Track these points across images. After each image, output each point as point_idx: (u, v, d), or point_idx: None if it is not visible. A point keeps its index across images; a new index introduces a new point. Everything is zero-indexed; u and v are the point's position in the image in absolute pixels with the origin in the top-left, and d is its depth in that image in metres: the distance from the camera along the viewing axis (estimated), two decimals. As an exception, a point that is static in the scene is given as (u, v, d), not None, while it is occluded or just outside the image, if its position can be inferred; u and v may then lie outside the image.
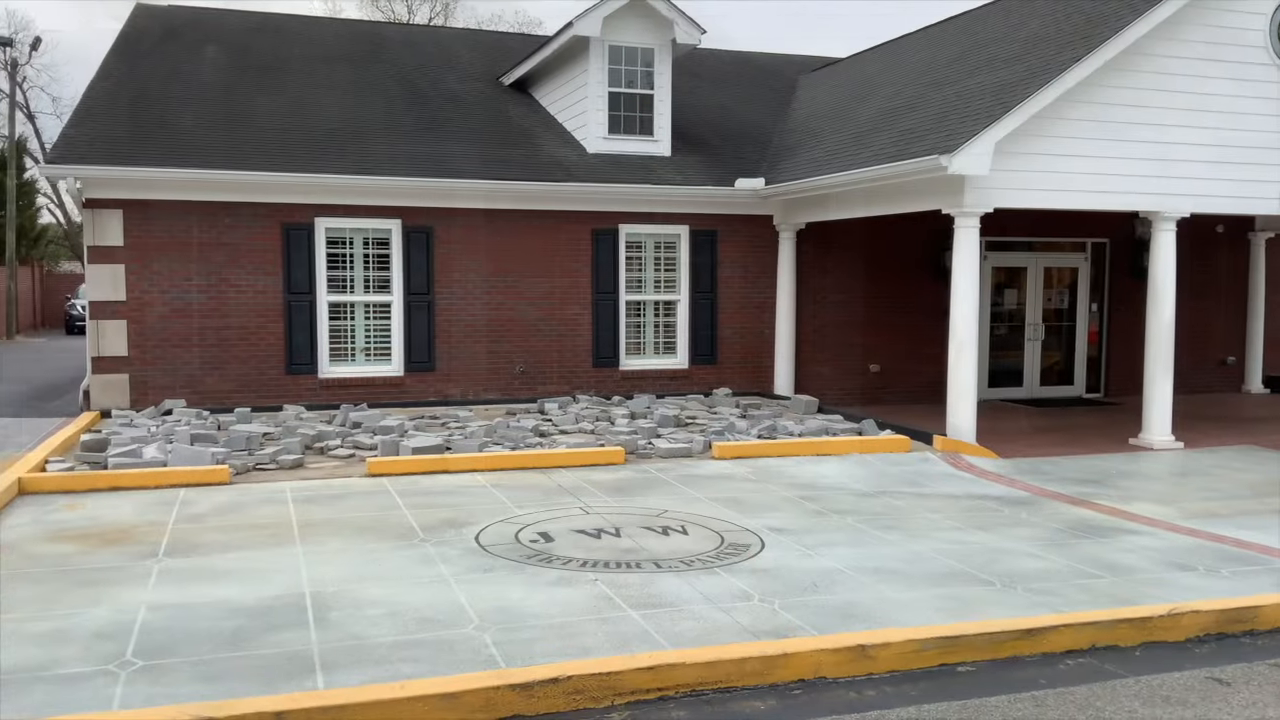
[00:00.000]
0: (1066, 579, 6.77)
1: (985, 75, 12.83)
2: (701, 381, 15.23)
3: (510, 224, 14.32)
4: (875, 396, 15.89)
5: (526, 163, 14.55)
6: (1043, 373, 16.82)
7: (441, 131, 15.13)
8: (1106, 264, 16.93)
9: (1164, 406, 12.16)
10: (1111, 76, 11.56)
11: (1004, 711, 4.88)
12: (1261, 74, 12.13)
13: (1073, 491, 9.68)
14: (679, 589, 6.42)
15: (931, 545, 7.63)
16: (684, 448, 11.06)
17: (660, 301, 15.10)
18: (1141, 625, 5.84)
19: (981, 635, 5.53)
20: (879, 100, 15.24)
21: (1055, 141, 11.48)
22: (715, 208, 15.03)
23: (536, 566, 6.90)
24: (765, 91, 19.40)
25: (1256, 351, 17.54)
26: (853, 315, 15.76)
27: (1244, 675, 5.40)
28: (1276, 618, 6.15)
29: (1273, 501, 9.33)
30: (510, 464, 10.24)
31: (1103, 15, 12.09)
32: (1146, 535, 8.01)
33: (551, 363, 14.56)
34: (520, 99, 17.02)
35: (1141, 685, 5.24)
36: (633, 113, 15.27)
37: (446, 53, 18.49)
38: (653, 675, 4.96)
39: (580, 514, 8.43)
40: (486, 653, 5.30)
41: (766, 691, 5.10)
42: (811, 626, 5.75)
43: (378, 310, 13.99)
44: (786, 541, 7.65)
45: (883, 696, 5.06)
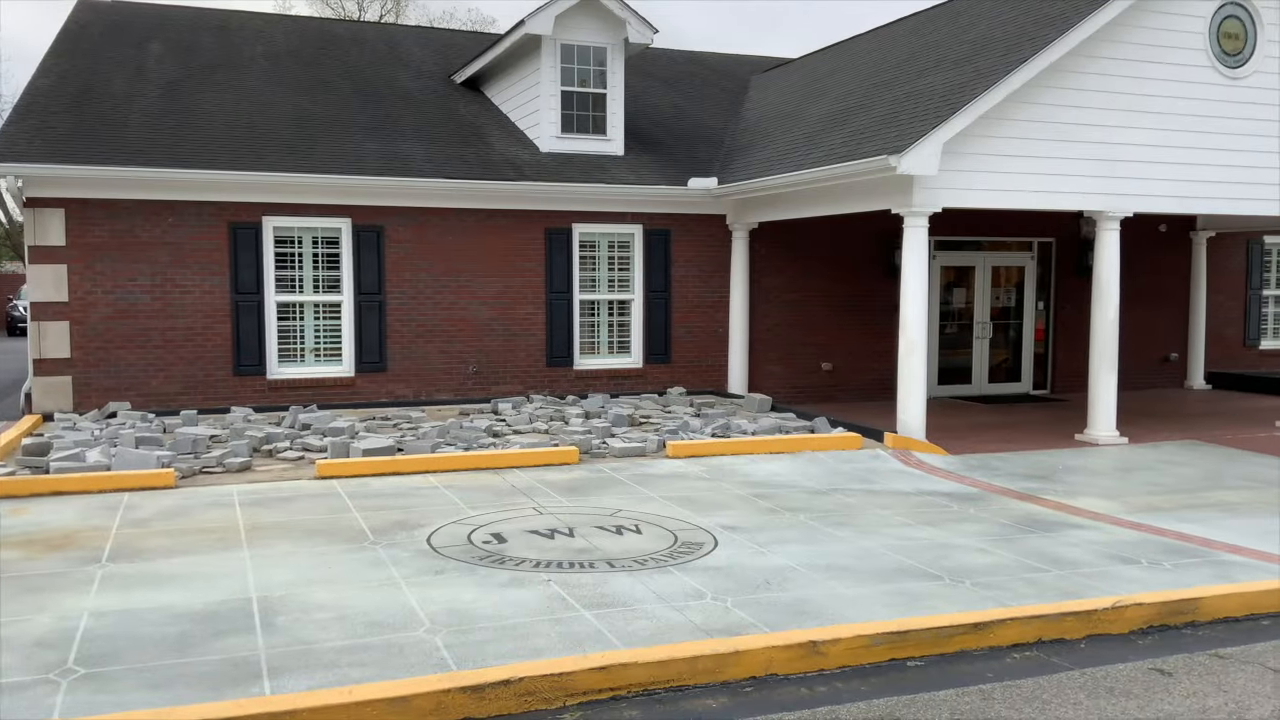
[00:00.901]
0: (1013, 573, 6.87)
1: (934, 76, 12.98)
2: (656, 380, 15.25)
3: (463, 223, 14.23)
4: (828, 394, 16.02)
5: (479, 161, 14.47)
6: (991, 370, 17.06)
7: (392, 129, 15.00)
8: (1053, 263, 17.21)
9: (1109, 403, 12.38)
10: (1056, 78, 11.75)
11: (952, 705, 4.94)
12: (1201, 76, 12.41)
13: (1020, 487, 9.83)
14: (632, 588, 6.42)
15: (882, 541, 7.70)
16: (638, 447, 11.06)
17: (614, 301, 15.09)
18: (1086, 618, 5.94)
19: (930, 630, 5.59)
20: (830, 100, 15.36)
21: (1002, 142, 11.65)
22: (669, 207, 15.06)
23: (489, 568, 6.86)
24: (718, 91, 19.47)
25: (1198, 348, 17.94)
26: (805, 314, 15.87)
27: (1185, 666, 5.51)
28: (1217, 609, 6.29)
29: (1213, 495, 9.54)
30: (463, 465, 10.18)
31: (1049, 18, 12.29)
32: (1091, 529, 8.15)
33: (505, 363, 14.50)
34: (472, 97, 16.92)
35: (1086, 677, 5.33)
36: (586, 112, 15.25)
37: (397, 50, 18.33)
38: (605, 675, 4.95)
39: (534, 514, 8.40)
40: (438, 656, 5.26)
41: (719, 689, 5.11)
42: (764, 624, 5.77)
43: (328, 310, 13.83)
44: (739, 539, 7.68)
45: (834, 692, 5.10)
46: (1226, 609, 6.29)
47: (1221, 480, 10.24)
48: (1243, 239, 18.46)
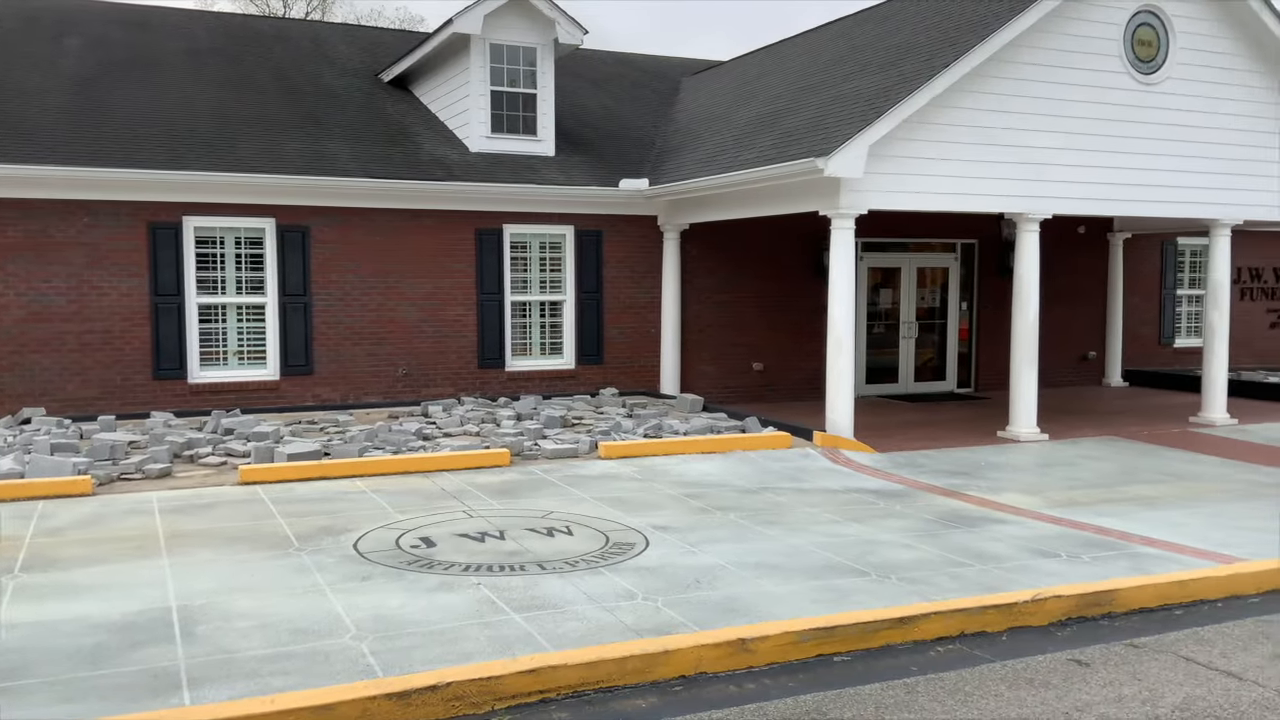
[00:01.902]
0: (938, 568, 7.00)
1: (860, 80, 13.17)
2: (588, 381, 15.23)
3: (391, 223, 14.06)
4: (759, 394, 16.15)
5: (407, 161, 14.31)
6: (917, 369, 17.37)
7: (317, 128, 14.75)
8: (975, 264, 17.58)
9: (1029, 400, 12.68)
10: (978, 83, 12.01)
11: (877, 699, 5.01)
12: (1116, 81, 12.77)
13: (944, 483, 10.02)
14: (563, 590, 6.40)
15: (810, 539, 7.79)
16: (570, 448, 11.03)
17: (546, 302, 15.03)
18: (1007, 611, 6.07)
19: (856, 625, 5.67)
20: (759, 103, 15.49)
21: (926, 145, 11.86)
22: (600, 208, 15.05)
23: (417, 572, 6.78)
24: (648, 93, 19.52)
25: (1116, 347, 18.47)
26: (737, 314, 15.98)
27: (1102, 656, 5.66)
28: (1132, 600, 6.47)
29: (1130, 490, 9.83)
30: (392, 468, 10.05)
31: (971, 24, 12.55)
32: (1013, 524, 8.34)
33: (435, 365, 14.35)
34: (400, 96, 16.73)
35: (1007, 669, 5.44)
36: (516, 112, 15.17)
37: (323, 48, 18.05)
38: (534, 678, 4.92)
39: (464, 517, 8.32)
40: (364, 662, 5.18)
41: (648, 689, 5.12)
42: (693, 623, 5.80)
43: (251, 312, 13.55)
44: (670, 539, 7.71)
45: (762, 689, 5.14)
46: (1141, 600, 6.48)
47: (1138, 475, 10.55)
48: (1157, 240, 19.05)
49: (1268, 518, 8.65)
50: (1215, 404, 14.12)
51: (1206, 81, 13.30)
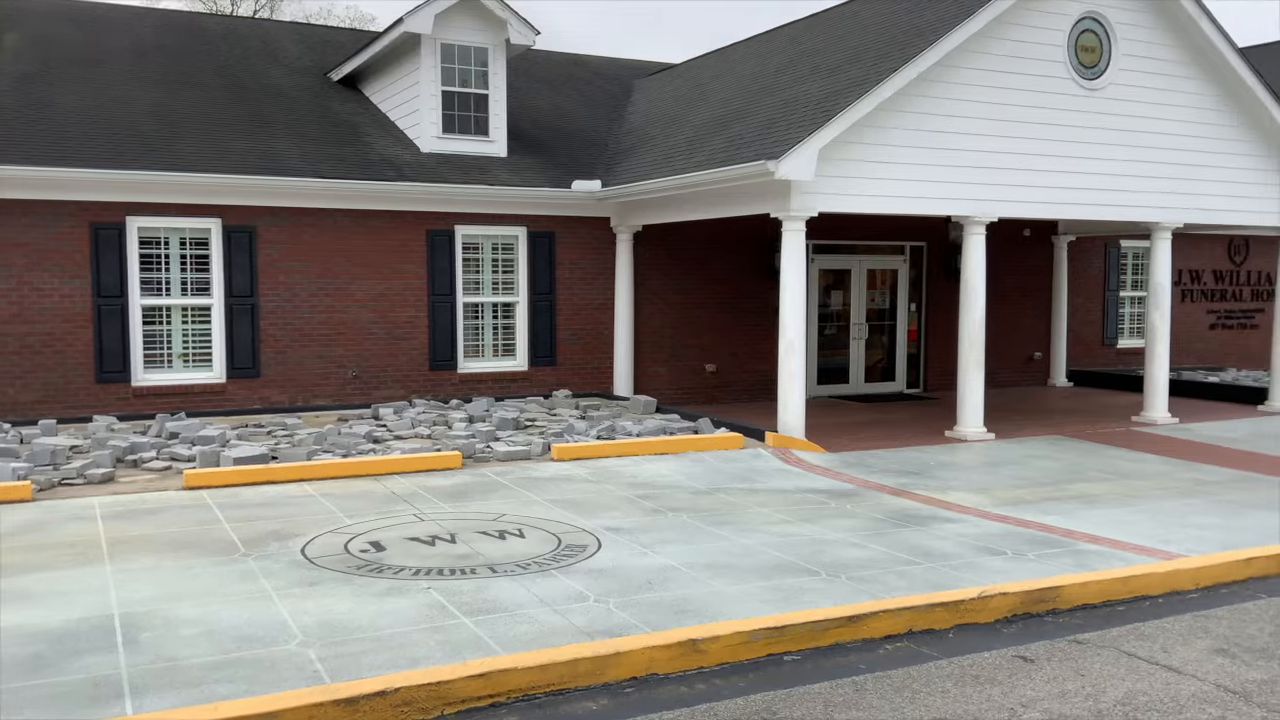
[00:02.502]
0: (886, 566, 7.07)
1: (810, 84, 13.27)
2: (541, 383, 15.18)
3: (340, 224, 13.90)
4: (712, 395, 16.21)
5: (357, 161, 14.16)
6: (867, 370, 17.54)
7: (265, 127, 14.56)
8: (924, 266, 17.80)
9: (976, 400, 12.86)
10: (926, 88, 12.16)
11: (826, 697, 5.05)
12: (1061, 87, 13.00)
13: (894, 483, 10.13)
14: (514, 593, 6.37)
15: (762, 539, 7.83)
16: (523, 450, 10.99)
17: (499, 303, 14.96)
18: (954, 608, 6.15)
19: (806, 624, 5.71)
20: (711, 106, 15.56)
21: (875, 149, 11.98)
22: (553, 209, 15.01)
23: (366, 577, 6.71)
24: (601, 94, 19.51)
25: (1061, 347, 18.80)
26: (690, 316, 16.03)
27: (1047, 652, 5.75)
28: (1076, 597, 6.59)
29: (1074, 488, 10.01)
30: (341, 472, 9.94)
31: (919, 29, 12.70)
32: (960, 522, 8.45)
33: (386, 367, 14.22)
34: (350, 95, 16.56)
35: (954, 666, 5.51)
36: (467, 112, 15.08)
37: (271, 46, 17.81)
38: (484, 682, 4.89)
39: (414, 521, 8.25)
40: (311, 669, 5.12)
41: (599, 691, 5.11)
42: (645, 624, 5.80)
43: (197, 314, 13.33)
44: (623, 541, 7.71)
45: (713, 689, 5.16)
46: (1085, 596, 6.60)
47: (1082, 473, 10.74)
48: (1101, 243, 19.42)
49: (1207, 515, 8.86)
50: (1157, 403, 14.43)
51: (1148, 87, 13.59)
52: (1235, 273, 20.75)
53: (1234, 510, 9.02)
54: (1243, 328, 20.91)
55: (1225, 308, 20.72)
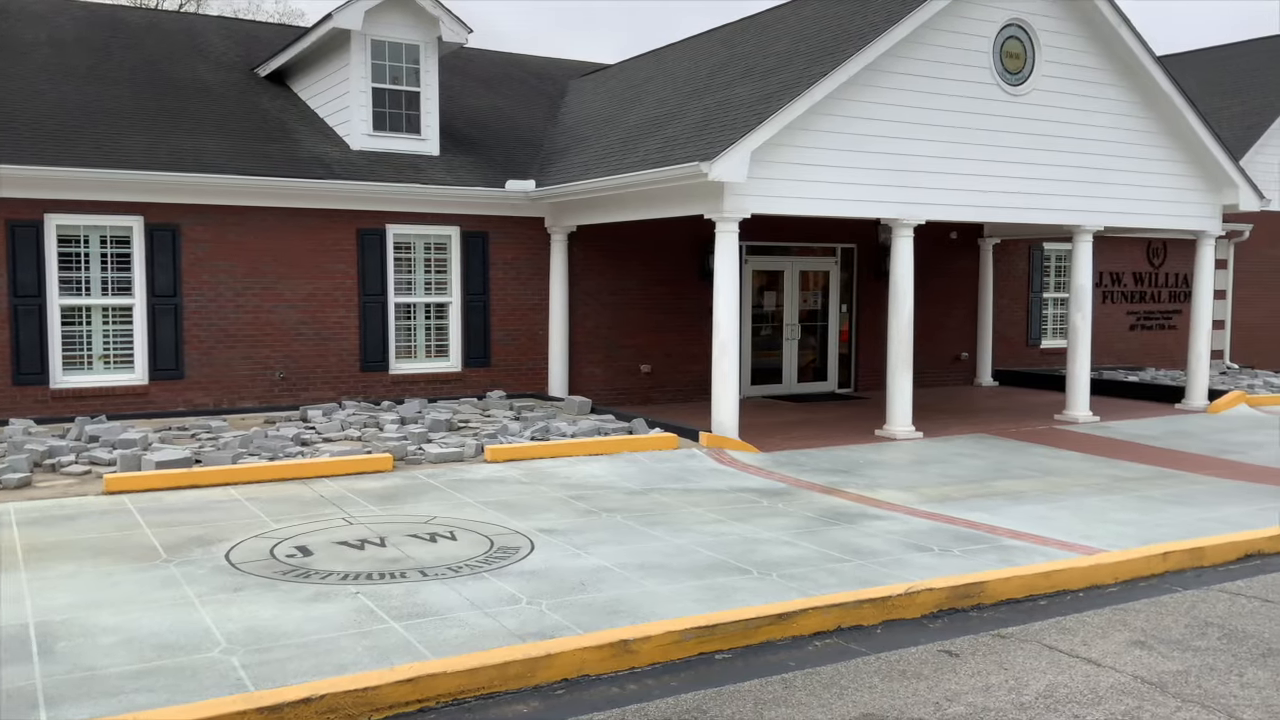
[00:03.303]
0: (817, 564, 7.15)
1: (743, 87, 13.37)
2: (475, 384, 15.06)
3: (267, 222, 13.64)
4: (647, 396, 16.24)
5: (285, 158, 13.91)
6: (800, 370, 17.73)
7: (190, 123, 14.23)
8: (855, 268, 18.04)
9: (905, 400, 13.07)
10: (856, 92, 12.32)
11: (756, 695, 5.08)
12: (986, 92, 13.28)
13: (825, 481, 10.25)
14: (445, 596, 6.31)
15: (695, 538, 7.86)
16: (456, 452, 10.89)
17: (432, 304, 14.81)
18: (882, 604, 6.24)
19: (737, 623, 5.74)
20: (645, 107, 15.59)
21: (806, 151, 12.12)
22: (486, 209, 14.90)
23: (292, 582, 6.59)
24: (536, 94, 19.44)
25: (986, 348, 19.19)
26: (625, 317, 16.04)
27: (971, 646, 5.87)
28: (1000, 591, 6.73)
29: (999, 485, 10.22)
30: (267, 475, 9.75)
31: (849, 34, 12.87)
32: (889, 520, 8.58)
33: (315, 368, 13.99)
34: (278, 92, 16.26)
35: (881, 661, 5.59)
36: (399, 110, 14.90)
37: (197, 41, 17.41)
38: (412, 687, 4.84)
39: (343, 525, 8.13)
40: (234, 676, 5.01)
41: (530, 694, 5.09)
42: (577, 625, 5.79)
43: (118, 314, 12.98)
44: (556, 542, 7.68)
45: (644, 689, 5.16)
46: (1008, 591, 6.74)
47: (1007, 471, 10.98)
48: (1025, 245, 19.87)
49: (1126, 510, 9.11)
50: (1079, 402, 14.80)
51: (1070, 93, 13.94)
52: (1154, 275, 21.39)
53: (1152, 506, 9.29)
54: (1161, 328, 21.56)
55: (1144, 309, 21.35)
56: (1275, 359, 22.46)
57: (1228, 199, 15.51)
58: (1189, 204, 15.31)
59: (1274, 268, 22.33)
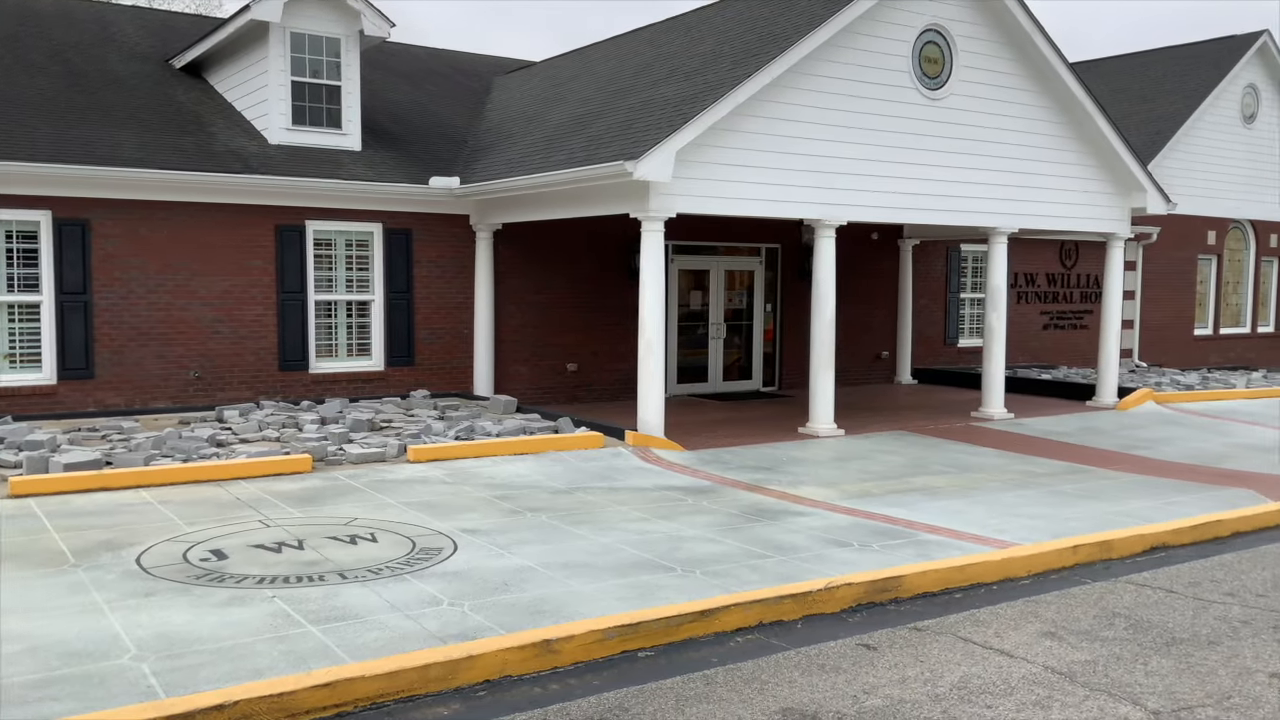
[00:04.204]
0: (739, 561, 7.21)
1: (668, 87, 13.42)
2: (399, 384, 14.87)
3: (182, 218, 13.29)
4: (574, 395, 16.21)
5: (200, 152, 13.57)
6: (725, 369, 17.87)
7: (101, 115, 13.79)
8: (779, 267, 18.24)
9: (827, 397, 13.26)
10: (779, 93, 12.46)
11: (678, 692, 5.11)
12: (905, 96, 13.53)
13: (749, 478, 10.34)
14: (365, 599, 6.22)
15: (619, 537, 7.87)
16: (377, 452, 10.74)
17: (353, 302, 14.58)
18: (802, 600, 6.32)
19: (660, 620, 5.77)
20: (570, 105, 15.55)
21: (730, 152, 12.21)
22: (410, 206, 14.72)
23: (206, 587, 6.43)
24: (461, 90, 19.26)
25: (906, 346, 19.56)
26: (551, 315, 15.98)
27: (889, 640, 5.98)
28: (917, 585, 6.87)
29: (918, 480, 10.43)
30: (181, 478, 9.50)
31: (772, 35, 13.01)
32: (810, 516, 8.70)
33: (232, 367, 13.67)
34: (194, 84, 15.85)
35: (801, 656, 5.67)
36: (319, 104, 14.64)
37: (109, 31, 16.89)
38: (330, 692, 4.76)
39: (260, 527, 7.96)
40: (145, 684, 4.87)
41: (451, 696, 5.04)
42: (500, 626, 5.75)
43: (25, 312, 12.52)
44: (480, 543, 7.62)
45: (566, 689, 5.15)
46: (925, 585, 6.88)
47: (925, 467, 11.21)
48: (944, 247, 20.30)
49: (1039, 505, 9.37)
50: (994, 400, 15.18)
51: (987, 98, 14.28)
52: (1066, 276, 22.03)
53: (1063, 500, 9.57)
54: (1073, 328, 22.22)
55: (1057, 309, 21.97)
56: (1182, 357, 23.32)
57: (1136, 202, 16.04)
58: (1100, 207, 15.80)
59: (1180, 269, 23.18)
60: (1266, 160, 23.94)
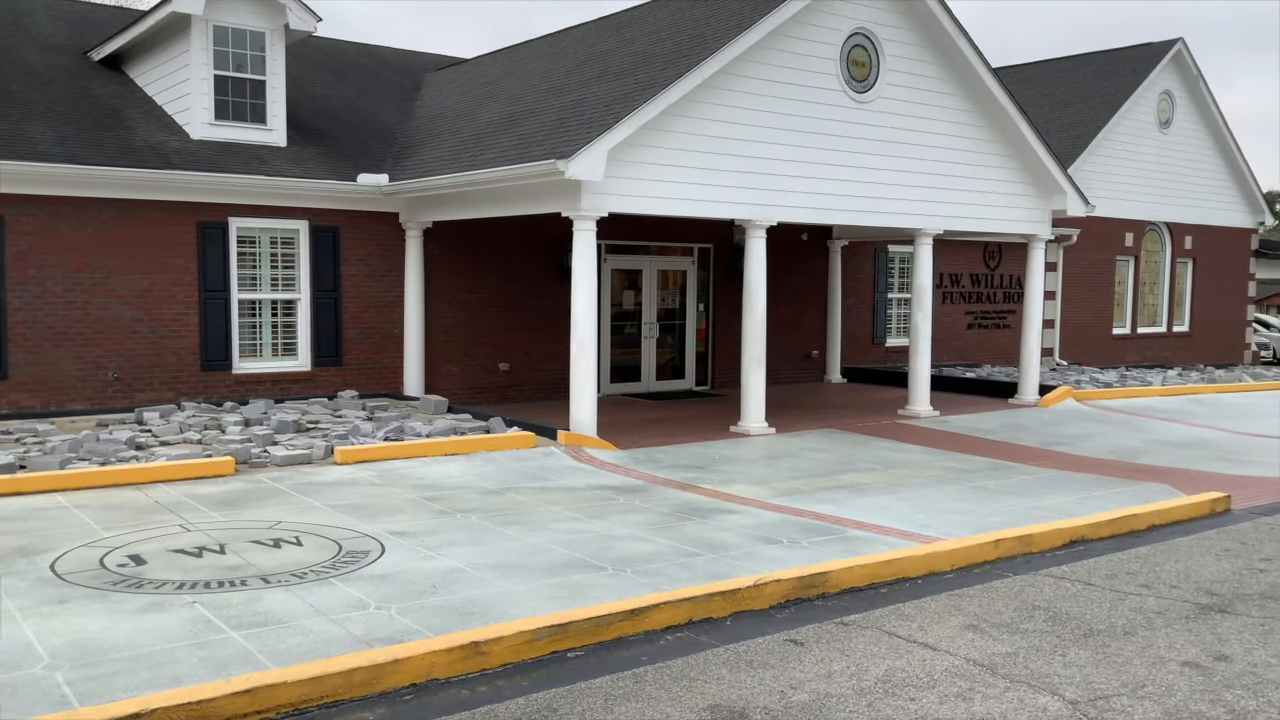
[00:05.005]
0: (671, 559, 7.24)
1: (599, 86, 13.41)
2: (326, 384, 14.63)
3: (101, 214, 12.91)
4: (506, 395, 16.11)
5: (119, 147, 13.20)
6: (658, 368, 17.92)
7: (16, 108, 13.33)
8: (711, 267, 18.35)
9: (758, 396, 13.38)
10: (710, 94, 12.53)
11: (607, 691, 5.11)
12: (834, 99, 13.70)
13: (680, 477, 10.38)
14: (289, 604, 6.11)
15: (551, 537, 7.85)
16: (303, 454, 10.56)
17: (279, 300, 14.30)
18: (732, 597, 6.36)
19: (590, 620, 5.76)
20: (502, 103, 15.46)
21: (662, 152, 12.25)
22: (337, 203, 14.49)
23: (123, 593, 6.26)
24: (391, 87, 19.02)
25: (836, 345, 19.82)
26: (483, 315, 15.86)
27: (816, 635, 6.04)
28: (844, 581, 6.96)
29: (846, 477, 10.57)
30: (99, 481, 9.23)
31: (703, 37, 13.07)
32: (741, 514, 8.76)
33: (153, 368, 13.32)
34: (113, 77, 15.42)
35: (730, 652, 5.70)
36: (243, 99, 14.34)
37: (24, 21, 16.34)
38: (251, 699, 4.66)
39: (180, 532, 7.77)
40: (58, 693, 4.73)
41: (376, 700, 4.97)
42: (428, 629, 5.69)
43: (-69, 311, 12.06)
44: (408, 545, 7.54)
45: (495, 691, 5.12)
46: (851, 580, 6.98)
47: (852, 464, 11.37)
48: (871, 247, 20.61)
49: (962, 500, 9.56)
50: (920, 397, 15.45)
51: (912, 101, 14.53)
52: (990, 276, 22.51)
53: (986, 496, 9.78)
54: (996, 327, 22.72)
55: (981, 309, 22.45)
56: (1101, 356, 23.99)
57: (1057, 205, 16.45)
58: (1022, 209, 16.17)
59: (1099, 270, 23.84)
60: (1181, 164, 24.75)
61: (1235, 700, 5.13)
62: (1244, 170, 25.87)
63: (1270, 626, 6.27)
